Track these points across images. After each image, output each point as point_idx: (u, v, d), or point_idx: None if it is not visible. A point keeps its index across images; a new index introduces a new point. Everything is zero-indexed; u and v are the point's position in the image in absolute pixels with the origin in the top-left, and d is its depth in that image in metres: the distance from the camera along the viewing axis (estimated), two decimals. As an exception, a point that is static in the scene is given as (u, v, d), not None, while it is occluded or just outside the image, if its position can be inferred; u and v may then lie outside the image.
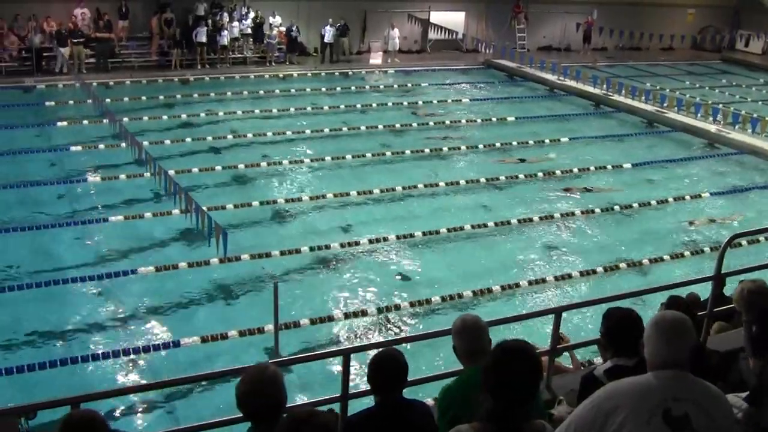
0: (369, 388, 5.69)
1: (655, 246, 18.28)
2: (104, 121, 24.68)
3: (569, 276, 16.47)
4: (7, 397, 11.58)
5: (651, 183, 23.08)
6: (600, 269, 16.82)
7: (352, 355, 7.23)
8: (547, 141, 26.52)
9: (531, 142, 26.26)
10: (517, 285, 15.95)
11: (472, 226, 18.67)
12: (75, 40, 31.81)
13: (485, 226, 18.81)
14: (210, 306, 15.01)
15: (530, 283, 16.13)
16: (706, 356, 6.64)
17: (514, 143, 25.89)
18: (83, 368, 12.67)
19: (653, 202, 21.05)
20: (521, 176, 22.59)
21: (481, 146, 25.49)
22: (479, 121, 28.99)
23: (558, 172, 23.19)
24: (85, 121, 26.01)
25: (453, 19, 40.90)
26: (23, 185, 20.17)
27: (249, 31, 36.18)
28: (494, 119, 29.18)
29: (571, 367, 9.56)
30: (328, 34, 36.59)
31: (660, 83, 37.16)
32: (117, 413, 11.40)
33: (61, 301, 14.75)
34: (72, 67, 31.78)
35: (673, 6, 45.56)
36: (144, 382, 12.34)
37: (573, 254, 17.81)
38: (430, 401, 7.57)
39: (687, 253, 17.94)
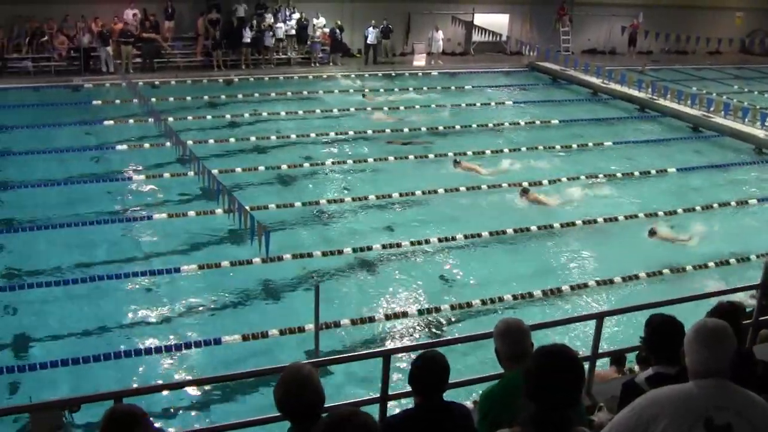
0: (409, 389, 5.70)
1: (699, 253, 18.07)
2: (149, 120, 24.91)
3: (611, 281, 16.35)
4: (53, 389, 11.74)
5: (696, 188, 22.82)
6: (643, 274, 16.66)
7: (392, 357, 7.24)
8: (590, 144, 26.34)
9: (574, 146, 26.10)
10: (559, 290, 15.86)
11: (515, 230, 18.60)
12: (123, 40, 32.16)
13: (528, 230, 18.72)
14: (251, 305, 15.11)
15: (572, 287, 16.02)
16: (751, 365, 6.56)
17: (558, 146, 25.77)
18: (126, 363, 12.82)
19: (698, 208, 20.82)
20: (563, 179, 22.45)
21: (524, 149, 25.38)
22: (523, 123, 28.88)
23: (601, 175, 23.03)
24: (131, 120, 26.31)
25: (497, 22, 40.75)
26: (71, 182, 20.49)
27: (293, 32, 36.31)
28: (538, 122, 29.03)
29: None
30: (371, 35, 36.68)
31: (706, 87, 36.75)
32: (158, 409, 11.48)
33: (106, 298, 14.94)
34: (119, 67, 32.15)
35: (720, 9, 45.09)
36: (185, 378, 12.48)
37: (616, 259, 17.66)
38: (469, 404, 7.57)
39: (733, 260, 17.70)
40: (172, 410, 11.74)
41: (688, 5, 43.72)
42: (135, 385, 11.60)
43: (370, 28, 36.60)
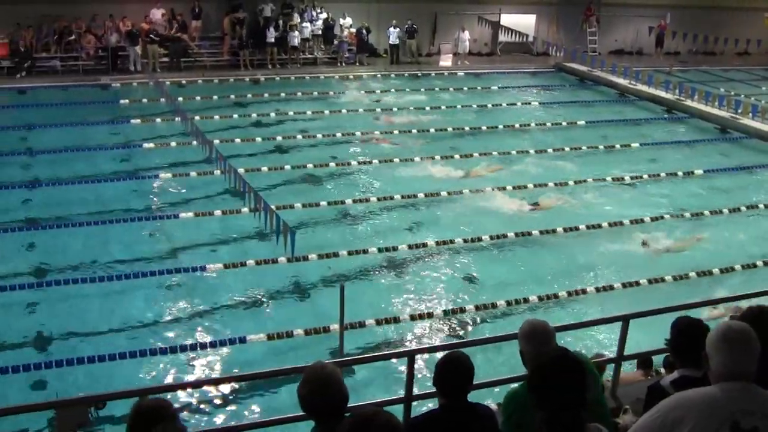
0: (433, 390, 5.70)
1: (727, 255, 17.94)
2: (176, 119, 25.03)
3: (637, 283, 16.25)
4: (79, 386, 11.83)
5: (723, 190, 22.66)
6: (669, 278, 16.57)
7: (416, 357, 7.25)
8: (617, 146, 26.22)
9: (601, 147, 26.00)
10: (584, 291, 15.80)
11: (540, 232, 18.55)
12: (150, 40, 32.37)
13: (554, 231, 18.67)
14: (276, 304, 15.17)
15: (597, 289, 15.96)
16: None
17: (584, 147, 25.67)
18: (151, 361, 12.89)
19: (725, 211, 20.68)
20: (589, 180, 22.36)
21: (550, 150, 25.32)
22: (549, 124, 28.79)
23: (627, 177, 22.93)
24: (158, 119, 26.49)
25: (523, 22, 40.62)
26: (98, 180, 20.64)
27: (319, 32, 36.40)
28: (564, 123, 28.94)
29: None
30: (393, 35, 36.65)
31: (734, 89, 36.46)
32: (182, 407, 11.55)
33: (131, 296, 15.05)
34: (146, 66, 32.34)
35: (748, 10, 44.66)
36: (209, 377, 12.54)
37: (642, 261, 17.58)
38: (494, 405, 7.57)
39: (759, 263, 17.57)
40: (196, 408, 11.80)
41: (716, 6, 43.43)
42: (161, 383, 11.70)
43: (391, 29, 36.59)
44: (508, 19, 40.16)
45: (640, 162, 24.70)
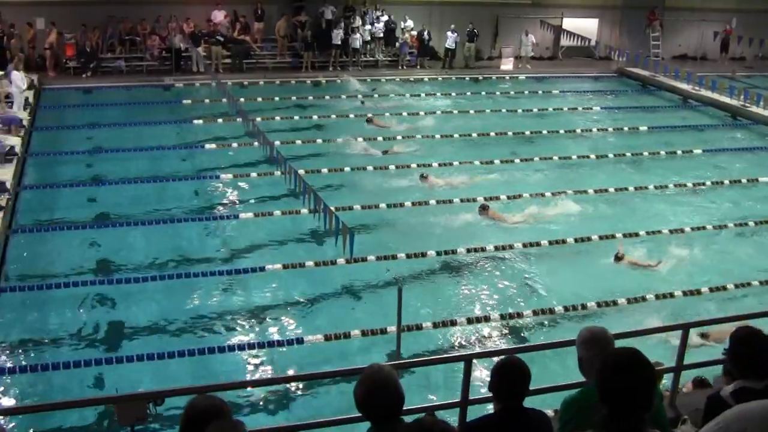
0: (489, 394, 5.69)
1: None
2: (238, 120, 25.25)
3: (698, 291, 16.02)
4: (138, 382, 12.00)
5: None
6: (731, 286, 16.30)
7: (473, 361, 7.23)
8: (679, 152, 25.90)
9: (663, 153, 25.70)
10: (644, 298, 15.61)
11: (600, 237, 18.39)
12: (213, 41, 32.75)
13: (613, 236, 18.47)
14: (334, 305, 15.23)
15: (657, 296, 15.75)
16: None
17: (645, 153, 25.40)
18: (209, 359, 13.03)
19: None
20: (651, 187, 22.11)
21: (611, 155, 25.08)
22: (610, 129, 28.54)
23: (689, 184, 22.61)
24: (220, 120, 26.76)
25: (586, 26, 40.33)
26: (161, 180, 20.94)
27: (381, 34, 36.49)
28: (625, 128, 28.66)
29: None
30: (450, 39, 36.52)
31: (801, 95, 35.83)
32: (239, 405, 11.65)
33: (191, 294, 15.22)
34: (209, 67, 32.70)
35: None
36: (266, 376, 12.64)
37: (703, 269, 17.31)
38: (550, 412, 7.52)
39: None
40: (252, 407, 11.89)
41: (783, 10, 42.70)
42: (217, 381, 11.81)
43: (449, 33, 36.48)
44: (570, 23, 39.92)
45: (703, 169, 24.34)
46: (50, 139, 24.41)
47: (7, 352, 13.27)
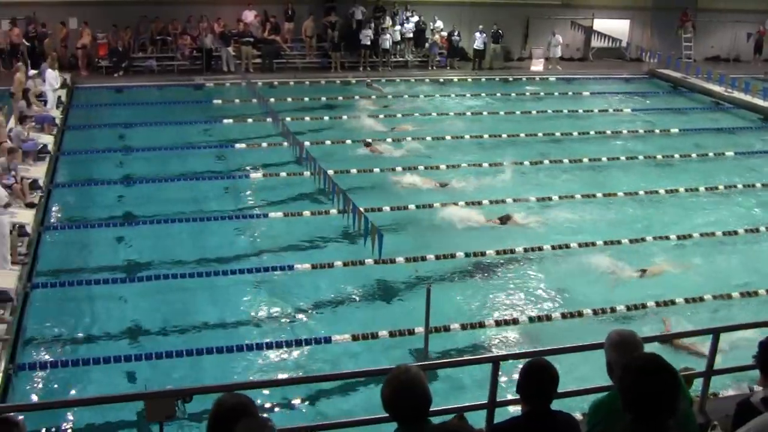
0: (516, 396, 5.68)
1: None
2: (267, 119, 25.34)
3: (729, 296, 15.83)
4: (167, 379, 12.09)
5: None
6: (762, 291, 16.04)
7: (500, 363, 7.23)
8: (711, 154, 25.69)
9: (694, 155, 25.52)
10: (673, 302, 15.49)
11: (630, 241, 18.27)
12: (243, 41, 32.91)
13: (643, 240, 18.36)
14: (362, 305, 15.26)
15: (687, 300, 15.62)
16: None
17: (676, 156, 25.24)
18: (237, 357, 13.09)
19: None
20: (681, 190, 21.93)
21: (641, 157, 24.94)
22: (641, 131, 28.36)
23: (721, 187, 22.41)
24: (250, 120, 26.89)
25: (617, 27, 40.10)
26: (190, 178, 21.08)
27: (411, 35, 36.49)
28: (657, 130, 28.48)
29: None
30: (478, 40, 36.40)
31: (836, 98, 35.44)
32: (266, 404, 11.69)
33: (220, 293, 15.30)
34: (239, 67, 32.86)
35: None
36: (294, 375, 12.67)
37: (731, 272, 17.09)
38: (578, 415, 7.51)
39: None
40: (279, 406, 11.92)
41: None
42: (247, 379, 11.87)
43: (477, 33, 36.37)
44: (601, 24, 39.72)
45: (735, 172, 24.14)
46: (82, 137, 24.62)
47: (40, 347, 13.41)
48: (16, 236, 15.80)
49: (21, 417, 5.75)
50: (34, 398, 12.04)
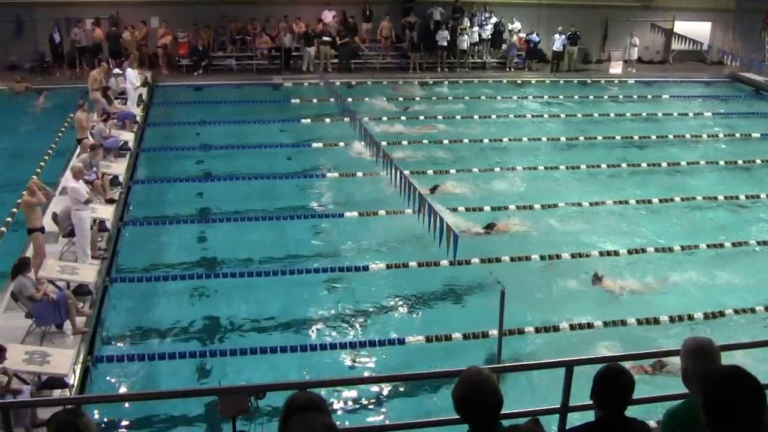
0: (590, 402, 5.64)
1: None
2: (345, 119, 25.48)
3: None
4: (240, 375, 12.27)
5: None
6: None
7: (575, 368, 7.18)
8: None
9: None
10: (753, 310, 15.19)
11: (708, 245, 17.98)
12: (322, 41, 33.13)
13: (722, 246, 18.05)
14: (436, 307, 15.27)
15: (766, 308, 15.31)
16: None
17: (758, 161, 24.74)
18: (310, 356, 13.21)
19: None
20: (763, 196, 21.48)
21: (722, 162, 24.49)
22: (721, 136, 27.85)
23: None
24: (327, 119, 27.04)
25: (698, 30, 39.35)
26: (267, 177, 21.27)
27: (488, 36, 36.35)
28: (737, 135, 27.94)
29: None
30: (557, 42, 36.03)
31: None
32: (337, 402, 11.79)
33: (295, 291, 15.45)
34: (317, 67, 33.07)
35: None
36: (366, 375, 12.73)
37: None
38: (652, 423, 7.42)
39: None
40: (351, 405, 12.00)
41: None
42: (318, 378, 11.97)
43: (557, 35, 36.04)
44: (681, 26, 39.05)
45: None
46: (162, 134, 25.09)
47: (117, 340, 13.71)
48: (96, 231, 16.12)
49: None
50: (112, 390, 12.30)
